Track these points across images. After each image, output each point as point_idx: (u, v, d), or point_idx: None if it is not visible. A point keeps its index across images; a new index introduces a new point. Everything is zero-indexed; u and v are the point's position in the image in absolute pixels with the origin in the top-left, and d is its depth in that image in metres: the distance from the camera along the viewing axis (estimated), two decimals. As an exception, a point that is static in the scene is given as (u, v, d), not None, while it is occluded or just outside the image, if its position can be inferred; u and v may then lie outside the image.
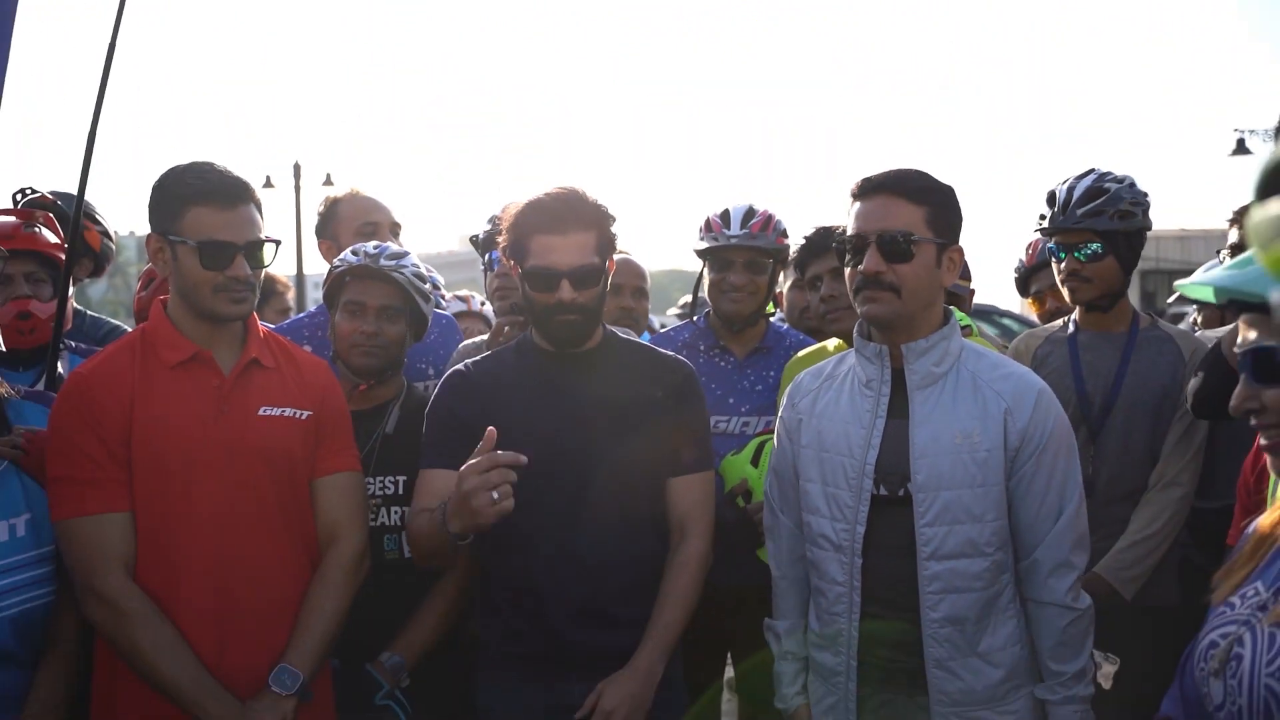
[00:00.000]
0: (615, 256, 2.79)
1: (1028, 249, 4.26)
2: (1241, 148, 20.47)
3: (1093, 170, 3.41)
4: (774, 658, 2.72)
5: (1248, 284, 1.47)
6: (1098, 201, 3.30)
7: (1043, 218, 3.44)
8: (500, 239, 2.74)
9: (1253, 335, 1.58)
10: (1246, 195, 1.40)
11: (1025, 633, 2.49)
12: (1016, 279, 4.34)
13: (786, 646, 2.67)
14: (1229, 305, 1.65)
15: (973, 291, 4.07)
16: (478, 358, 2.86)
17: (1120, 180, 3.34)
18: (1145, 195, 3.37)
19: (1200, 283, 1.55)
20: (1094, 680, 2.55)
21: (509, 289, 3.48)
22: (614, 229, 2.70)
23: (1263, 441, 1.63)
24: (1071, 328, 3.47)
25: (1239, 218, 3.71)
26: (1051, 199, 3.43)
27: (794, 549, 2.66)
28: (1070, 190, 3.36)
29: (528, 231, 2.62)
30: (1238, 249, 3.63)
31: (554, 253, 2.59)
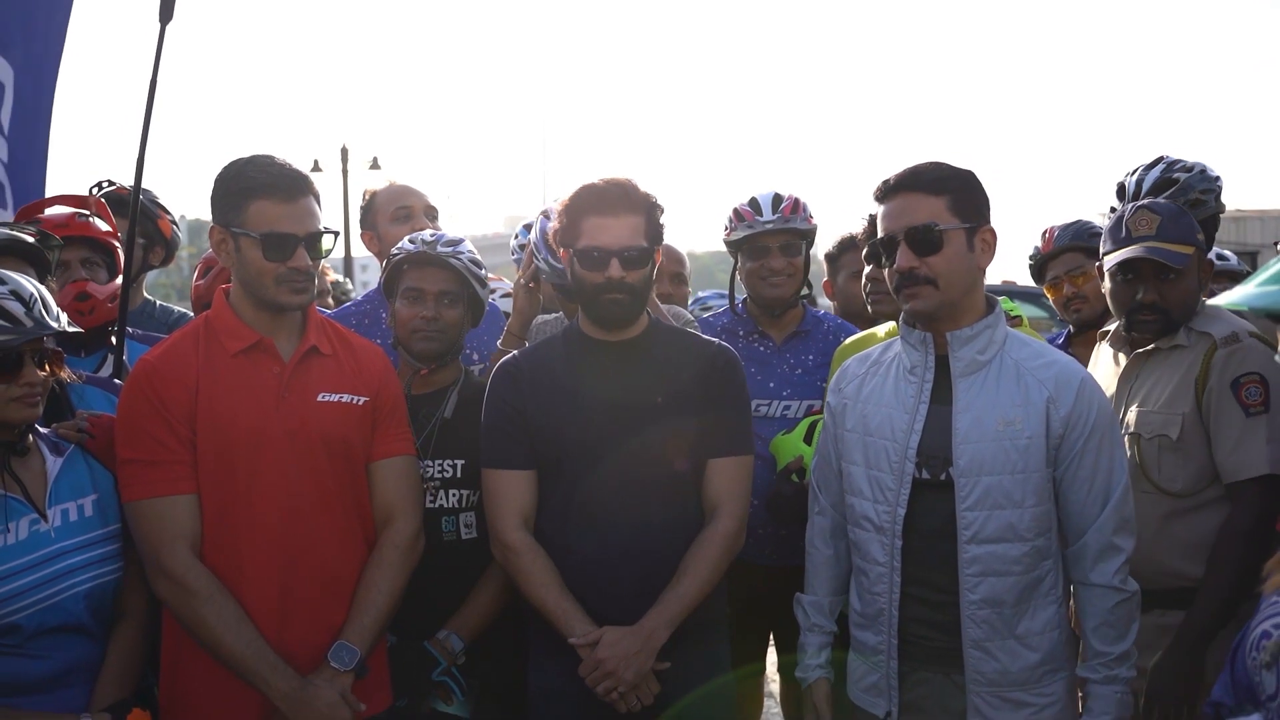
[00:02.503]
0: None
1: (1043, 235, 4.21)
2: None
3: (1161, 159, 3.36)
4: None
5: None
6: (1168, 194, 3.25)
7: (1114, 210, 3.40)
8: (552, 225, 2.81)
9: None
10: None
11: (1065, 618, 2.53)
12: (1032, 266, 4.21)
13: (813, 620, 2.74)
14: (1265, 318, 1.69)
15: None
16: (527, 347, 2.93)
17: (1190, 169, 3.30)
18: (1217, 179, 3.31)
19: (1235, 302, 1.60)
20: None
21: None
22: (662, 220, 2.76)
23: None
24: None
25: None
26: (1121, 192, 3.38)
27: (828, 528, 2.74)
28: (1139, 183, 3.31)
29: (580, 213, 2.70)
30: None
31: (605, 232, 2.67)
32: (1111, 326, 3.14)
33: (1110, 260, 2.94)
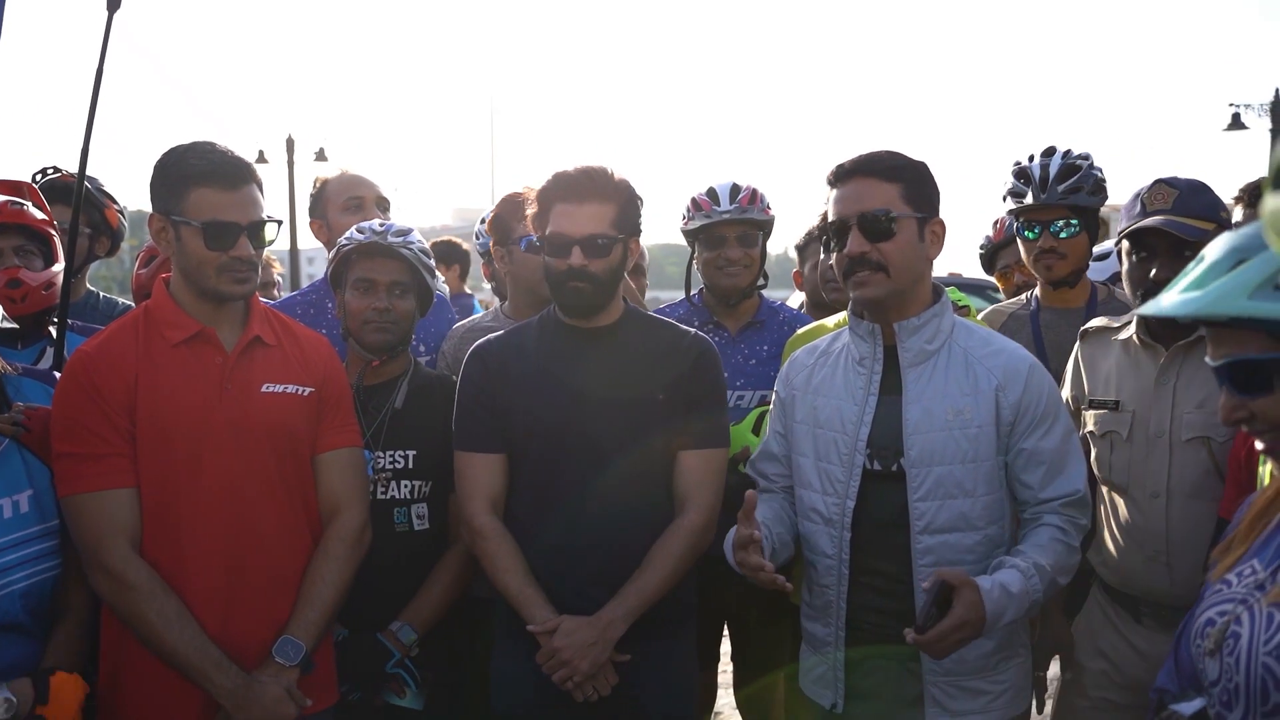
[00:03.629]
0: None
1: (994, 225, 4.25)
2: (1236, 122, 20.30)
3: (1054, 148, 3.43)
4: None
5: (1208, 308, 1.53)
6: (1074, 179, 3.33)
7: (1018, 196, 3.43)
8: (529, 209, 2.82)
9: (1222, 350, 1.63)
10: (1246, 172, 1.45)
11: None
12: (982, 255, 4.30)
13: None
14: (1193, 323, 1.67)
15: None
16: (502, 332, 2.93)
17: (1085, 157, 3.38)
18: (1102, 171, 3.42)
19: (1161, 311, 1.59)
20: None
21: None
22: (638, 208, 2.76)
23: (1260, 445, 1.66)
24: (1034, 305, 3.50)
25: (1245, 196, 3.63)
26: (1023, 176, 3.41)
27: (769, 497, 2.69)
28: (1045, 168, 3.36)
29: (550, 199, 2.71)
30: (1238, 226, 3.62)
31: (568, 220, 2.67)
32: (1098, 323, 2.98)
33: (1123, 234, 2.79)
